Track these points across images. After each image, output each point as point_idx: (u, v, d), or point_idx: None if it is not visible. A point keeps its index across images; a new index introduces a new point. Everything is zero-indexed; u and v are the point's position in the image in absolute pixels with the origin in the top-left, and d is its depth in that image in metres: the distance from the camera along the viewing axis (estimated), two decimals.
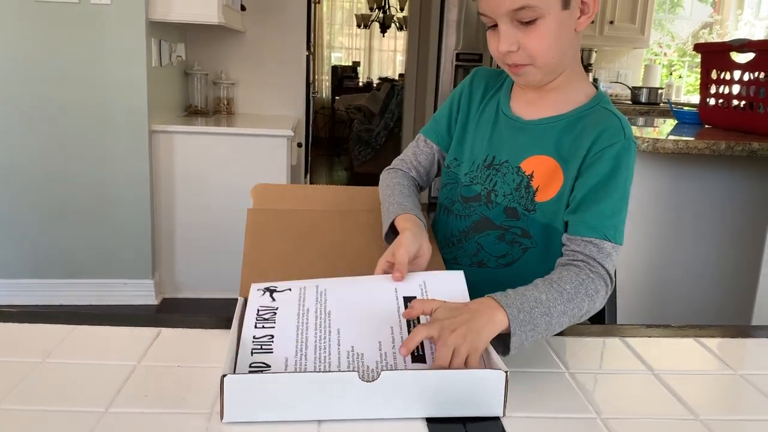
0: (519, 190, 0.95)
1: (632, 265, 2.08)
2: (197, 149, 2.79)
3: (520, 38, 0.87)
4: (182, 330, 0.85)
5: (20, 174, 2.62)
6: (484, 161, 0.99)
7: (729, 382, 0.80)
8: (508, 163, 0.96)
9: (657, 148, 1.86)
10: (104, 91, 2.60)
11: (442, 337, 0.68)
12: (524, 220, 0.95)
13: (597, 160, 0.89)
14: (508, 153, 0.97)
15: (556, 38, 0.87)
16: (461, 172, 1.02)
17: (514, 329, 0.73)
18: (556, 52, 0.89)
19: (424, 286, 0.83)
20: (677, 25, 6.19)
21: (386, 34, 7.98)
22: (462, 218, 1.01)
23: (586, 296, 0.81)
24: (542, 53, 0.88)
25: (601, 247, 0.85)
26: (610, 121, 0.91)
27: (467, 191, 1.00)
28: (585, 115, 0.93)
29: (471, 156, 1.01)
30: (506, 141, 0.97)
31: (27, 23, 2.50)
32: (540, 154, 0.94)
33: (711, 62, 2.35)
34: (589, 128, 0.91)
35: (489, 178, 0.98)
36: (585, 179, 0.89)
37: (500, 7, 0.86)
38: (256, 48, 3.46)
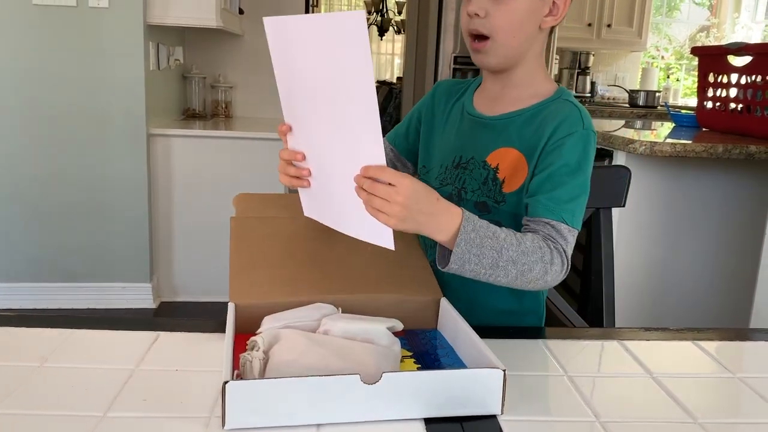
0: (486, 184, 0.96)
1: (630, 268, 2.08)
2: (195, 152, 2.79)
3: (489, 7, 0.90)
4: (180, 334, 0.85)
5: (18, 177, 2.62)
6: (452, 162, 1.00)
7: (727, 385, 0.80)
8: (473, 159, 0.98)
9: (654, 151, 1.87)
10: (102, 95, 2.60)
11: (393, 201, 0.73)
12: (495, 213, 0.96)
13: (556, 148, 0.90)
14: (473, 150, 0.98)
15: (521, 21, 0.90)
16: (431, 177, 1.04)
17: (459, 242, 0.78)
18: (518, 35, 0.92)
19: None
20: (674, 29, 6.21)
21: (384, 37, 7.99)
22: None
23: (540, 261, 0.83)
24: (505, 28, 0.90)
25: (559, 228, 0.87)
26: (569, 111, 0.93)
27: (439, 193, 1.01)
28: (546, 107, 0.95)
29: (439, 160, 1.03)
30: (471, 139, 0.99)
31: (25, 27, 2.50)
32: (503, 147, 0.96)
33: (708, 65, 2.36)
34: (549, 118, 0.93)
35: (458, 177, 0.99)
36: (544, 166, 0.91)
37: None
38: (253, 51, 3.46)
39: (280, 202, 1.08)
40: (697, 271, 2.12)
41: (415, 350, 0.82)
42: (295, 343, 0.71)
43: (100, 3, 2.51)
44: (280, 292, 0.86)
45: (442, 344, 0.84)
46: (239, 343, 0.75)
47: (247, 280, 0.86)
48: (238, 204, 1.05)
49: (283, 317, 0.78)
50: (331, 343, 0.73)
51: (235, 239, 0.95)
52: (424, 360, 0.79)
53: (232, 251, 0.93)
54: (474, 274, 0.81)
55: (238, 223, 0.99)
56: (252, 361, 0.68)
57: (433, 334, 0.87)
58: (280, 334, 0.73)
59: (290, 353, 0.69)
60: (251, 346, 0.71)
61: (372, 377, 0.63)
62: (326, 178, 0.85)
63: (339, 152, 0.80)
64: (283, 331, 0.73)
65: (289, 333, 0.73)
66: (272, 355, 0.70)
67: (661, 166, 2.04)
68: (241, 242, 0.95)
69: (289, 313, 0.79)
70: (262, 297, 0.84)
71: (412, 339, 0.84)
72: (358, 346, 0.73)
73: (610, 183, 1.28)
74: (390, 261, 0.94)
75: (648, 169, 2.04)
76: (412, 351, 0.81)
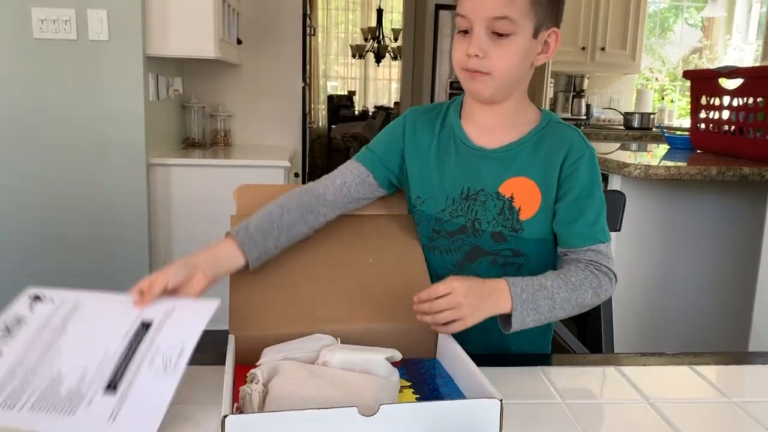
0: (502, 214, 0.99)
1: (628, 291, 2.09)
2: (195, 181, 2.81)
3: (489, 47, 0.93)
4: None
5: (18, 207, 2.63)
6: (461, 194, 1.01)
7: (724, 410, 0.81)
8: (484, 191, 1.00)
9: (649, 174, 1.89)
10: (102, 126, 2.62)
11: (458, 306, 0.82)
12: (512, 241, 1.00)
13: (572, 173, 0.97)
14: (481, 182, 1.00)
15: (519, 59, 0.94)
16: (433, 209, 1.03)
17: (515, 305, 0.85)
18: (515, 72, 0.96)
19: (171, 312, 0.82)
20: (668, 50, 6.28)
21: (381, 63, 8.07)
22: (451, 252, 1.03)
23: (590, 288, 0.91)
24: (504, 67, 0.94)
25: (598, 250, 0.95)
26: (571, 135, 1.00)
27: (451, 225, 1.02)
28: (545, 133, 1.00)
29: (443, 192, 1.02)
30: (476, 171, 1.01)
31: (26, 60, 2.54)
32: (515, 176, 0.99)
33: (701, 88, 2.39)
34: (555, 145, 0.99)
35: (469, 208, 1.01)
36: (565, 192, 0.97)
37: (483, 10, 0.91)
38: (252, 80, 3.50)
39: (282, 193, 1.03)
40: (695, 293, 2.12)
41: (414, 380, 0.82)
42: (294, 375, 0.72)
43: (100, 36, 2.55)
44: (280, 321, 0.85)
45: (441, 374, 0.84)
46: (239, 375, 0.76)
47: (247, 308, 0.86)
48: (240, 197, 1.01)
49: (283, 349, 0.78)
50: (329, 375, 0.73)
51: None
52: (423, 390, 0.79)
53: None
54: (536, 323, 0.89)
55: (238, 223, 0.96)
56: (251, 394, 0.69)
57: (432, 363, 0.87)
58: (279, 366, 0.73)
59: (289, 385, 0.70)
60: (250, 379, 0.72)
61: (369, 409, 0.64)
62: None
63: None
64: (282, 363, 0.74)
65: (288, 365, 0.74)
66: (272, 388, 0.70)
67: (656, 188, 2.06)
68: None
69: (289, 344, 0.80)
70: (261, 328, 0.84)
71: (411, 368, 0.85)
72: (356, 377, 0.73)
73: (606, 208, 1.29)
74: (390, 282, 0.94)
75: (643, 191, 2.05)
76: (411, 381, 0.82)
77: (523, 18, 0.91)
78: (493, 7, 0.90)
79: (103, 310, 0.82)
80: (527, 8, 0.91)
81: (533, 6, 0.91)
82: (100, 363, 0.72)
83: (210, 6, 2.66)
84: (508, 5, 0.90)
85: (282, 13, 3.49)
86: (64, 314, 0.81)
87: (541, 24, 0.94)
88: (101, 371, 0.71)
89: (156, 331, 0.77)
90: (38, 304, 0.83)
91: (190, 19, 2.66)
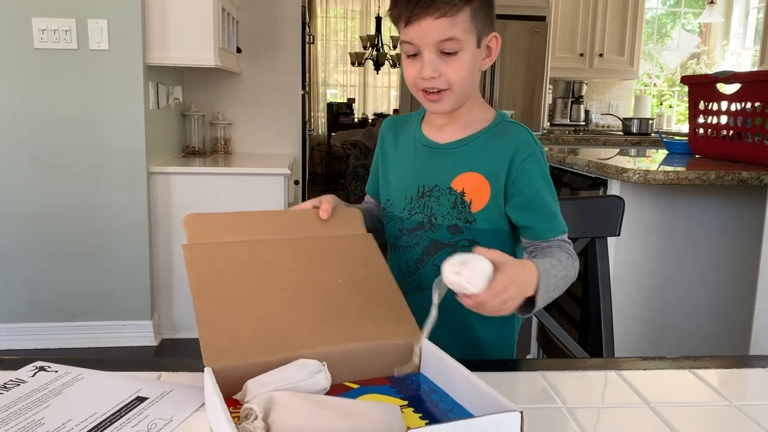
0: (456, 207, 1.05)
1: (628, 296, 2.09)
2: (195, 189, 2.82)
3: (441, 66, 0.99)
4: (181, 373, 0.85)
5: (19, 217, 2.64)
6: (418, 192, 1.08)
7: (725, 414, 0.81)
8: (438, 186, 1.06)
9: (648, 179, 1.89)
10: (103, 135, 2.63)
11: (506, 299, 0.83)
12: (467, 232, 1.05)
13: (521, 173, 1.02)
14: (435, 178, 1.07)
15: (469, 70, 1.01)
16: (396, 209, 1.11)
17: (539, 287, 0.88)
18: (469, 81, 1.02)
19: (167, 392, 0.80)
20: (666, 56, 6.31)
21: (380, 70, 8.10)
22: (412, 248, 1.10)
23: (572, 267, 0.99)
24: (459, 80, 1.00)
25: (562, 238, 1.03)
26: (521, 134, 1.05)
27: (410, 223, 1.09)
28: (496, 131, 1.06)
29: (402, 191, 1.10)
30: (430, 167, 1.08)
31: (27, 70, 2.55)
32: (466, 172, 1.05)
33: (698, 93, 2.40)
34: (504, 141, 1.04)
35: (425, 205, 1.07)
36: (519, 189, 1.03)
37: (430, 36, 0.97)
38: (252, 88, 3.52)
39: (235, 222, 0.98)
40: (695, 297, 2.13)
41: (408, 396, 0.79)
42: (296, 406, 0.68)
43: (100, 45, 2.56)
44: (257, 349, 0.79)
45: (432, 388, 0.81)
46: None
47: (219, 337, 0.79)
48: (189, 226, 0.94)
49: (268, 380, 0.73)
50: (333, 404, 0.70)
51: (194, 275, 0.87)
52: (422, 408, 0.77)
53: (194, 290, 0.85)
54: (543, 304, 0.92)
55: (193, 253, 0.90)
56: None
57: (417, 378, 0.84)
58: (274, 398, 0.69)
59: (296, 418, 0.66)
60: (246, 415, 0.67)
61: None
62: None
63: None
64: (277, 395, 0.69)
65: (284, 396, 0.69)
66: (274, 423, 0.66)
67: (655, 193, 2.07)
68: (201, 279, 0.86)
69: (273, 374, 0.75)
70: (238, 357, 0.77)
71: (400, 385, 0.82)
72: (359, 404, 0.71)
73: (605, 213, 1.30)
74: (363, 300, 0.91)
75: (642, 196, 2.06)
76: (406, 398, 0.79)
77: (466, 34, 0.97)
78: (438, 32, 0.96)
79: (103, 384, 0.82)
80: (468, 24, 0.97)
81: (473, 20, 0.97)
82: (85, 419, 0.72)
83: (209, 15, 2.67)
84: (451, 26, 0.96)
85: (281, 21, 3.51)
86: (64, 382, 0.81)
87: (481, 33, 1.00)
88: (84, 425, 0.71)
89: (149, 404, 0.76)
90: (41, 373, 0.84)
91: (189, 28, 2.67)
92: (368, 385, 0.82)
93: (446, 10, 0.95)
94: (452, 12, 0.95)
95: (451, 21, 0.95)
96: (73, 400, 0.77)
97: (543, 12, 4.57)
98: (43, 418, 0.72)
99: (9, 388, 0.79)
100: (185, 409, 0.75)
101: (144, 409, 0.75)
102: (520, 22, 4.49)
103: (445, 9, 0.95)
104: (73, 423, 0.71)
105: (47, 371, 0.84)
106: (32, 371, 0.84)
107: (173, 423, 0.72)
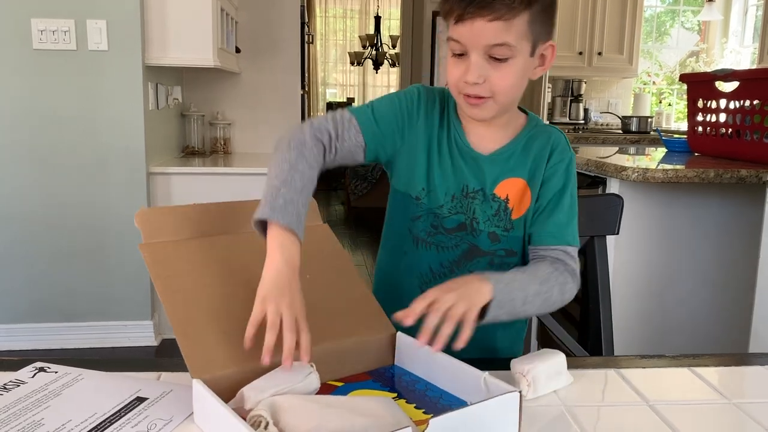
0: (498, 215, 1.01)
1: (628, 294, 2.09)
2: (195, 189, 2.82)
3: (488, 72, 0.91)
4: (180, 375, 0.85)
5: (19, 218, 2.64)
6: (462, 192, 1.01)
7: (724, 412, 0.81)
8: (482, 191, 1.01)
9: (647, 177, 1.89)
10: (102, 135, 2.64)
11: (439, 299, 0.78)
12: (505, 241, 1.02)
13: (552, 175, 1.00)
14: (479, 182, 1.01)
15: (518, 79, 0.93)
16: (434, 203, 1.02)
17: (495, 293, 0.84)
18: (516, 91, 0.95)
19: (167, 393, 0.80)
20: (665, 54, 6.30)
21: (379, 70, 8.10)
22: (449, 249, 1.03)
23: (556, 284, 0.92)
24: (505, 90, 0.93)
25: (566, 251, 0.98)
26: (557, 138, 1.02)
27: (450, 222, 1.02)
28: (533, 135, 1.02)
29: (443, 187, 1.01)
30: (473, 171, 1.01)
31: (26, 71, 2.55)
32: (510, 177, 1.01)
33: (697, 91, 2.40)
34: (543, 145, 1.01)
35: (468, 206, 1.01)
36: (542, 192, 1.00)
37: (481, 39, 0.89)
38: (251, 88, 3.52)
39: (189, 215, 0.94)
40: (694, 295, 2.13)
41: (394, 389, 0.81)
42: (305, 409, 0.68)
43: (99, 46, 2.56)
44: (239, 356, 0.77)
45: (414, 379, 0.83)
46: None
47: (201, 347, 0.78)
48: (143, 223, 0.90)
49: (266, 386, 0.73)
50: (336, 402, 0.71)
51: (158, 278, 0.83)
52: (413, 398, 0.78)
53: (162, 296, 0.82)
54: (509, 316, 0.87)
55: (152, 252, 0.86)
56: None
57: (392, 370, 0.86)
58: (277, 402, 0.68)
59: (310, 420, 0.66)
60: (255, 423, 0.66)
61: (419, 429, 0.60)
62: None
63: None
64: (280, 399, 0.69)
65: (289, 400, 0.69)
66: (287, 426, 0.65)
67: (654, 191, 2.07)
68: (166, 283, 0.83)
69: (266, 379, 0.74)
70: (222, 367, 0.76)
71: (383, 378, 0.84)
72: (360, 400, 0.72)
73: (604, 211, 1.30)
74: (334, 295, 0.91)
75: (641, 195, 2.06)
76: (393, 391, 0.80)
77: (520, 40, 0.89)
78: (490, 36, 0.88)
79: (103, 384, 0.82)
80: (524, 31, 0.89)
81: (530, 27, 0.89)
82: (84, 419, 0.73)
83: (208, 15, 2.67)
84: (505, 31, 0.87)
85: (280, 21, 3.51)
86: (64, 383, 0.82)
87: (537, 41, 0.92)
88: (83, 425, 0.71)
89: (149, 404, 0.77)
90: (41, 373, 0.84)
91: (188, 28, 2.67)
92: (351, 381, 0.83)
93: (503, 13, 0.86)
94: (509, 15, 0.86)
95: (507, 25, 0.87)
96: (73, 401, 0.77)
97: None
98: (43, 418, 0.72)
99: (9, 389, 0.79)
100: (185, 410, 0.75)
101: (144, 410, 0.75)
102: None
103: (502, 11, 0.86)
104: (73, 423, 0.71)
105: (47, 372, 0.84)
106: (32, 372, 0.84)
107: (173, 423, 0.73)
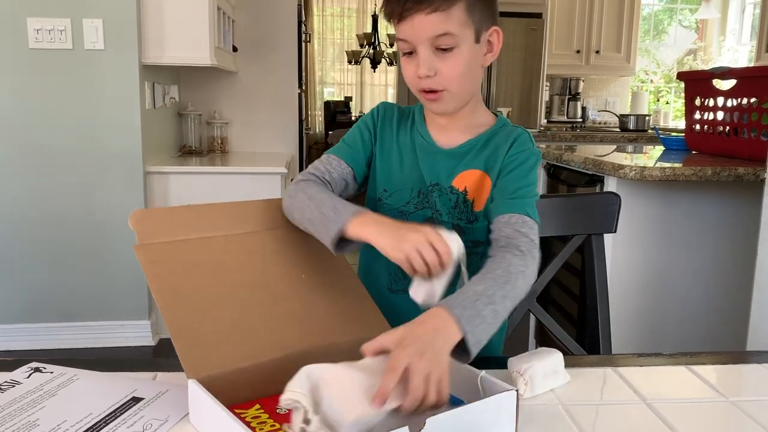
0: (457, 207, 1.02)
1: (626, 292, 2.09)
2: (192, 189, 2.81)
3: (437, 64, 0.94)
4: (176, 376, 0.85)
5: (15, 218, 2.64)
6: (427, 186, 1.04)
7: (721, 410, 0.81)
8: (439, 185, 1.03)
9: (645, 175, 1.89)
10: (99, 135, 2.63)
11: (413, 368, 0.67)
12: (470, 233, 1.02)
13: (511, 164, 1.00)
14: (437, 176, 1.03)
15: (468, 67, 0.96)
16: (398, 202, 1.05)
17: (465, 328, 0.74)
18: (468, 79, 0.98)
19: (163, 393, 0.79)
20: (662, 52, 6.31)
21: (377, 69, 8.09)
22: None
23: (518, 275, 0.86)
24: (456, 79, 0.96)
25: (524, 221, 0.94)
26: (519, 134, 1.03)
27: (416, 217, 1.04)
28: (497, 132, 1.04)
29: (407, 184, 1.05)
30: (432, 166, 1.04)
31: (22, 70, 2.54)
32: (466, 170, 1.02)
33: (695, 89, 2.40)
34: (504, 140, 1.02)
35: (431, 201, 1.04)
36: (501, 181, 1.00)
37: (423, 33, 0.93)
38: (248, 87, 3.51)
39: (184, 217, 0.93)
40: (692, 293, 2.13)
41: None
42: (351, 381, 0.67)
43: (96, 45, 2.56)
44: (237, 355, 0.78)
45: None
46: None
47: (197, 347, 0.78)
48: (138, 224, 0.88)
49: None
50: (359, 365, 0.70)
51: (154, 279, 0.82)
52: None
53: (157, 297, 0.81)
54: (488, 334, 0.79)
55: (147, 253, 0.85)
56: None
57: None
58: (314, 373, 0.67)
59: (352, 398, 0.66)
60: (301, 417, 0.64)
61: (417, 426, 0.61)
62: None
63: None
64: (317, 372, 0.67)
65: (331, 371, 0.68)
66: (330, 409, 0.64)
67: (652, 190, 2.07)
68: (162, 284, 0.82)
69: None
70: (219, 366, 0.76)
71: None
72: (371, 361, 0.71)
73: (601, 209, 1.30)
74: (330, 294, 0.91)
75: (639, 193, 2.06)
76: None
77: (461, 28, 0.93)
78: (431, 28, 0.92)
79: (98, 385, 0.82)
80: (464, 19, 0.93)
81: (469, 14, 0.93)
82: (80, 419, 0.73)
83: (205, 14, 2.67)
84: (445, 21, 0.92)
85: (277, 20, 3.50)
86: (60, 383, 0.81)
87: (480, 27, 0.95)
88: (79, 425, 0.71)
89: (144, 404, 0.77)
90: (36, 374, 0.83)
91: (185, 27, 2.67)
92: None
93: (438, 5, 0.91)
94: (445, 6, 0.91)
95: (445, 15, 0.91)
96: (69, 401, 0.77)
97: (539, 9, 4.56)
98: (38, 419, 0.72)
99: (4, 390, 0.79)
100: (180, 410, 0.75)
101: (139, 410, 0.75)
102: (517, 20, 4.48)
103: (438, 3, 0.91)
104: (69, 424, 0.71)
105: (42, 372, 0.84)
106: (27, 372, 0.84)
107: (168, 423, 0.72)
